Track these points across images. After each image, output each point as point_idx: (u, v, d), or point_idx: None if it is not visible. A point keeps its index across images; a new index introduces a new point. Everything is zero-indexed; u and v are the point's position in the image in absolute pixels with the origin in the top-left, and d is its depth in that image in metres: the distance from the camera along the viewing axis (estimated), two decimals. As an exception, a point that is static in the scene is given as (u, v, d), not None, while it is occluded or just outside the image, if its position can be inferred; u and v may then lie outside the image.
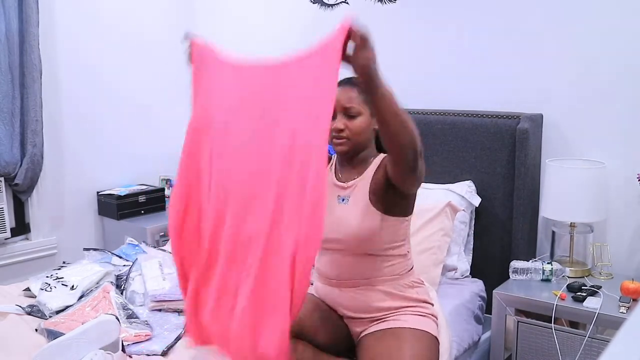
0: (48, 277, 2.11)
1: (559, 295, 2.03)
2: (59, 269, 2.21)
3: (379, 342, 1.62)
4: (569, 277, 2.21)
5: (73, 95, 3.10)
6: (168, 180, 3.52)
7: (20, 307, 1.98)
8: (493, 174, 2.46)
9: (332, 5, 3.03)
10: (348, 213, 1.64)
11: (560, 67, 2.38)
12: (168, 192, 3.47)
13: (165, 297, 1.92)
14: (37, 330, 1.81)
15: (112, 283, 2.07)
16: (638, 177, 2.16)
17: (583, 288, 2.07)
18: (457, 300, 2.18)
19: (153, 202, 3.30)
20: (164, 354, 1.71)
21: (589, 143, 2.34)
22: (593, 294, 2.03)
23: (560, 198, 2.19)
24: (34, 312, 1.95)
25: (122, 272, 2.20)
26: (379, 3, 2.86)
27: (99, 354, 1.50)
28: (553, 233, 2.34)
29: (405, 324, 1.64)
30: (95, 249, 2.54)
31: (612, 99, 2.28)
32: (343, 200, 1.67)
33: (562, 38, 2.37)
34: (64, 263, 2.40)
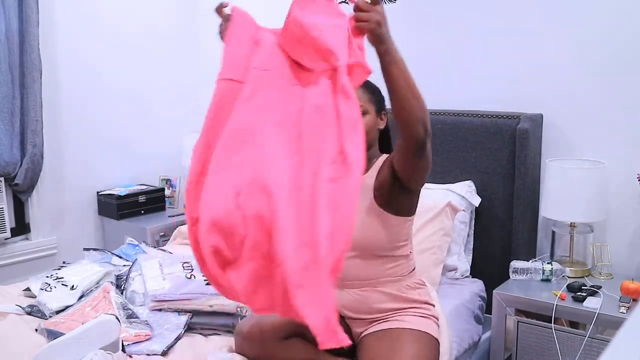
0: (48, 277, 2.11)
1: (559, 295, 2.03)
2: (59, 269, 2.21)
3: (380, 342, 1.62)
4: (569, 277, 2.21)
5: (73, 95, 3.10)
6: (168, 180, 3.52)
7: (20, 307, 1.98)
8: (493, 174, 2.46)
9: (332, 5, 3.03)
10: None
11: (560, 67, 2.38)
12: (168, 192, 3.47)
13: (165, 297, 1.91)
14: (37, 330, 1.81)
15: (112, 283, 2.07)
16: (638, 177, 2.16)
17: (583, 288, 2.07)
18: (457, 300, 2.19)
19: (153, 202, 3.30)
20: (164, 354, 1.71)
21: (589, 143, 2.35)
22: (593, 294, 2.04)
23: (560, 198, 2.19)
24: (34, 312, 1.95)
25: (122, 272, 2.20)
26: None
27: (99, 354, 1.50)
28: (553, 233, 2.34)
29: (406, 325, 1.64)
30: (95, 249, 2.53)
31: (612, 99, 2.28)
32: None
33: (562, 38, 2.37)
34: (64, 263, 2.40)
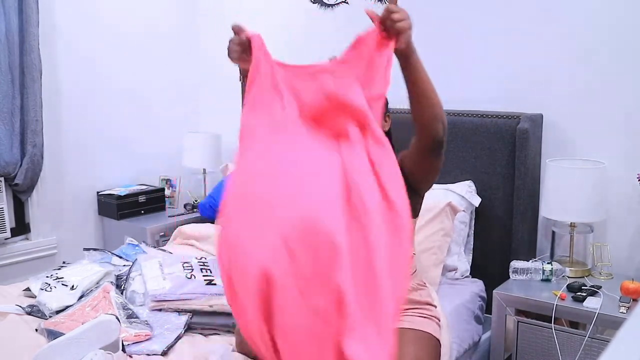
0: (48, 277, 2.11)
1: (559, 295, 2.03)
2: (59, 269, 2.20)
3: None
4: (569, 277, 2.21)
5: (73, 95, 3.10)
6: (168, 180, 3.52)
7: (20, 307, 1.98)
8: (493, 174, 2.46)
9: (332, 5, 3.03)
10: None
11: (560, 67, 2.38)
12: (168, 192, 3.47)
13: (165, 297, 1.91)
14: (37, 330, 1.81)
15: (112, 283, 2.07)
16: (638, 177, 2.16)
17: (583, 288, 2.07)
18: (457, 301, 2.19)
19: (153, 202, 3.30)
20: (164, 354, 1.71)
21: (589, 143, 2.34)
22: (593, 294, 2.03)
23: (560, 198, 2.19)
24: (34, 312, 1.95)
25: (122, 272, 2.20)
26: (379, 3, 2.85)
27: (99, 354, 1.49)
28: (553, 233, 2.34)
29: (408, 325, 1.64)
30: (95, 249, 2.53)
31: (612, 99, 2.28)
32: None
33: (562, 38, 2.37)
34: (64, 263, 2.40)
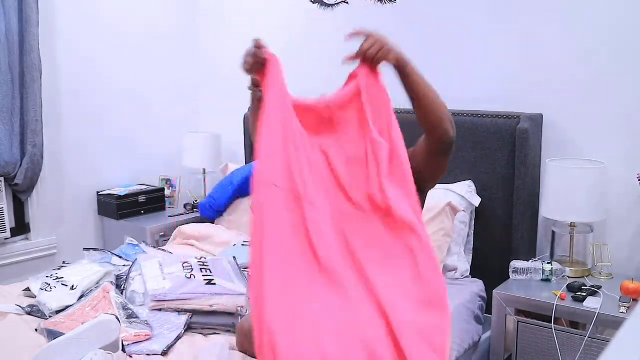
0: (48, 277, 2.11)
1: (559, 295, 2.03)
2: (59, 269, 2.20)
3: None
4: (569, 277, 2.21)
5: (73, 95, 3.10)
6: (168, 180, 3.52)
7: (20, 307, 1.98)
8: (493, 174, 2.46)
9: (332, 5, 3.03)
10: None
11: (560, 67, 2.38)
12: (168, 192, 3.47)
13: (165, 297, 1.91)
14: (37, 330, 1.81)
15: (112, 283, 2.07)
16: (638, 177, 2.16)
17: (583, 288, 2.07)
18: (457, 301, 2.18)
19: (153, 202, 3.30)
20: (164, 354, 1.71)
21: (589, 143, 2.34)
22: (593, 294, 2.03)
23: (560, 198, 2.19)
24: (34, 312, 1.95)
25: (122, 272, 2.20)
26: (379, 3, 2.85)
27: (99, 354, 1.49)
28: (553, 233, 2.34)
29: None
30: (95, 249, 2.53)
31: (612, 99, 2.28)
32: None
33: (562, 38, 2.37)
34: (64, 263, 2.40)
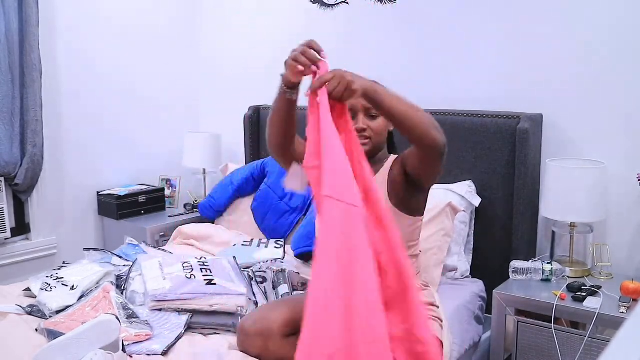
0: (48, 277, 2.11)
1: (559, 295, 2.03)
2: (59, 269, 2.20)
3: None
4: (569, 277, 2.21)
5: (73, 95, 3.10)
6: (168, 180, 3.52)
7: (21, 307, 1.98)
8: (493, 174, 2.46)
9: (332, 5, 3.03)
10: None
11: (561, 67, 2.38)
12: (168, 192, 3.47)
13: (166, 297, 1.91)
14: (37, 330, 1.81)
15: (112, 283, 2.07)
16: (638, 177, 2.16)
17: (583, 288, 2.07)
18: (457, 301, 2.18)
19: (153, 202, 3.30)
20: (164, 354, 1.70)
21: (589, 143, 2.34)
22: (593, 294, 2.03)
23: (560, 198, 2.19)
24: (34, 312, 1.95)
25: (122, 272, 2.20)
26: (379, 3, 2.85)
27: (99, 354, 1.49)
28: (553, 233, 2.34)
29: None
30: (95, 249, 2.53)
31: (612, 99, 2.28)
32: None
33: (562, 38, 2.37)
34: (64, 263, 2.40)
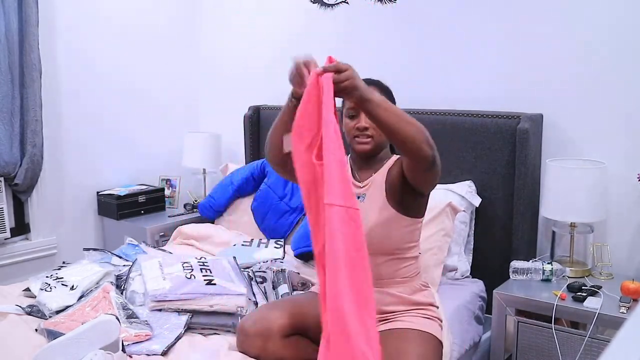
0: (48, 277, 2.11)
1: (559, 295, 2.03)
2: (59, 269, 2.20)
3: (384, 342, 1.61)
4: (569, 277, 2.21)
5: (73, 95, 3.10)
6: (168, 180, 3.52)
7: (20, 307, 1.98)
8: (493, 174, 2.46)
9: (332, 5, 3.03)
10: (365, 209, 1.65)
11: (561, 67, 2.38)
12: (168, 192, 3.47)
13: (166, 297, 1.91)
14: (37, 330, 1.81)
15: (112, 283, 2.07)
16: (638, 177, 2.16)
17: (583, 288, 2.07)
18: (457, 301, 2.18)
19: (153, 202, 3.30)
20: (164, 354, 1.70)
21: (589, 143, 2.34)
22: (593, 294, 2.03)
23: (560, 198, 2.19)
24: (34, 312, 1.95)
25: (122, 272, 2.20)
26: (379, 3, 2.85)
27: (99, 354, 1.49)
28: (553, 233, 2.34)
29: (411, 325, 1.65)
30: (95, 249, 2.53)
31: (612, 99, 2.28)
32: (359, 198, 1.69)
33: (562, 38, 2.37)
34: (64, 263, 2.39)
